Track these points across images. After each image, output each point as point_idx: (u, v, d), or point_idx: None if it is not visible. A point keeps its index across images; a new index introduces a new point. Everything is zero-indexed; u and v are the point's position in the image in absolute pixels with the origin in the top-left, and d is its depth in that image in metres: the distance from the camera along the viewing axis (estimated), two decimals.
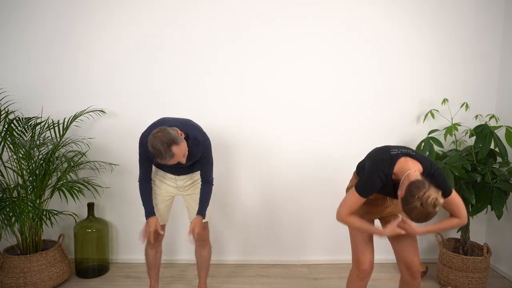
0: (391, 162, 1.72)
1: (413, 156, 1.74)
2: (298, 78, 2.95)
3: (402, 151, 1.76)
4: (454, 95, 3.05)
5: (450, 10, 2.96)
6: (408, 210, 1.56)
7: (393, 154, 1.74)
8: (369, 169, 1.74)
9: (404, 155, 1.74)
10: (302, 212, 3.10)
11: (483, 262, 2.65)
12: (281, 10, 2.87)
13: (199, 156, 2.13)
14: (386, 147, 1.82)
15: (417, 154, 1.76)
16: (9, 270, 2.49)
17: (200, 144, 2.09)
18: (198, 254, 2.43)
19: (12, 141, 2.51)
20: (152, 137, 1.87)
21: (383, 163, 1.72)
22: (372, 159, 1.78)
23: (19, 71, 2.88)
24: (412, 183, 1.57)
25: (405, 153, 1.75)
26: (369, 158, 1.83)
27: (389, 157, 1.73)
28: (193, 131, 2.07)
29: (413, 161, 1.72)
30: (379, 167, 1.71)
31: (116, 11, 2.85)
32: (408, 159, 1.72)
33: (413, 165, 1.70)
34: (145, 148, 2.08)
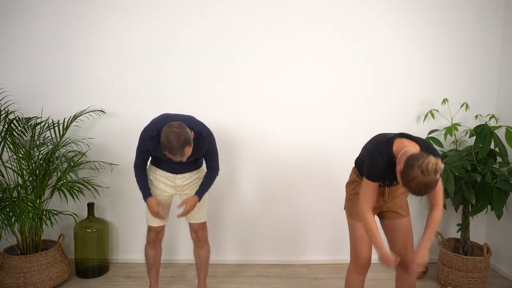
0: (388, 143, 1.74)
1: (409, 137, 1.76)
2: (299, 79, 2.95)
3: (397, 133, 1.80)
4: (454, 95, 3.05)
5: (450, 10, 2.96)
6: (408, 182, 1.53)
7: (389, 136, 1.77)
8: (369, 153, 1.77)
9: (400, 136, 1.77)
10: (302, 212, 3.10)
11: (483, 262, 2.65)
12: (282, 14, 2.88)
13: (204, 150, 2.14)
14: (381, 133, 1.86)
15: (414, 136, 1.79)
16: (9, 270, 2.49)
17: (205, 139, 2.11)
18: (197, 254, 2.43)
19: (12, 141, 2.51)
20: (169, 130, 1.87)
21: (382, 144, 1.74)
22: (370, 145, 1.81)
23: (19, 71, 2.88)
24: (410, 155, 1.57)
25: (401, 134, 1.78)
26: (366, 146, 1.86)
27: (386, 139, 1.76)
28: (198, 126, 2.10)
29: (409, 141, 1.75)
30: (378, 148, 1.74)
31: (116, 12, 2.85)
32: (404, 139, 1.75)
33: (410, 144, 1.72)
34: (147, 144, 2.08)
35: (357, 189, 2.00)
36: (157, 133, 2.06)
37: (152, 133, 2.06)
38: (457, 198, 2.64)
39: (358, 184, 2.00)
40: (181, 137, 1.86)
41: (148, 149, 2.11)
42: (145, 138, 2.08)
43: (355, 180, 2.02)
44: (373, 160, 1.74)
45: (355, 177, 2.02)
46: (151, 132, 2.06)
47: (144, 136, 2.08)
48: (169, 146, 1.86)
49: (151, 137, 2.07)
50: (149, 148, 2.09)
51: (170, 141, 1.85)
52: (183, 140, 1.86)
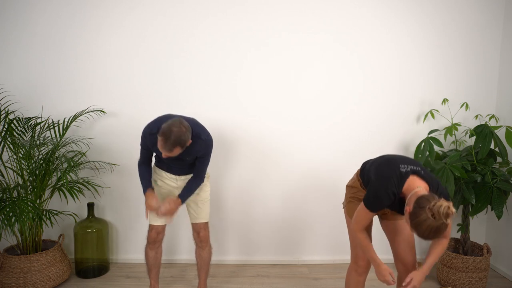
0: (400, 181, 1.67)
1: (421, 175, 1.70)
2: (301, 81, 2.95)
3: (411, 168, 1.71)
4: (454, 95, 3.05)
5: (450, 10, 2.96)
6: (417, 224, 1.49)
7: (402, 172, 1.69)
8: (377, 185, 1.70)
9: (412, 172, 1.70)
10: (302, 212, 3.10)
11: (483, 262, 2.65)
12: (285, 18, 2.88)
13: (200, 154, 2.14)
14: (394, 161, 1.75)
15: (425, 172, 1.72)
16: (9, 270, 2.49)
17: (204, 143, 2.11)
18: (198, 255, 2.42)
19: (12, 141, 2.51)
20: (177, 124, 1.89)
21: (392, 181, 1.67)
22: (380, 174, 1.72)
23: (19, 71, 2.88)
24: (421, 197, 1.54)
25: (414, 170, 1.70)
26: (376, 171, 1.76)
27: (398, 175, 1.68)
28: (198, 129, 2.10)
29: (420, 180, 1.69)
30: (388, 185, 1.67)
31: (115, 12, 2.84)
32: (416, 177, 1.69)
33: (420, 184, 1.67)
34: (147, 139, 2.10)
35: (358, 194, 2.00)
36: (157, 130, 2.07)
37: (152, 129, 2.08)
38: (457, 198, 2.64)
39: (359, 190, 1.99)
40: (182, 137, 1.88)
41: (148, 145, 2.12)
42: (145, 133, 2.10)
43: (356, 187, 2.01)
44: (378, 196, 1.68)
45: (357, 184, 1.99)
46: (152, 129, 2.08)
47: (145, 131, 2.10)
48: (166, 135, 1.87)
49: (151, 133, 2.08)
50: (148, 143, 2.10)
51: (170, 131, 1.87)
52: (181, 139, 1.88)
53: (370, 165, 1.89)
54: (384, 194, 1.67)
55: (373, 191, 1.71)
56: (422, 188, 1.64)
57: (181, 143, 1.90)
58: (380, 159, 1.83)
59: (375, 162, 1.83)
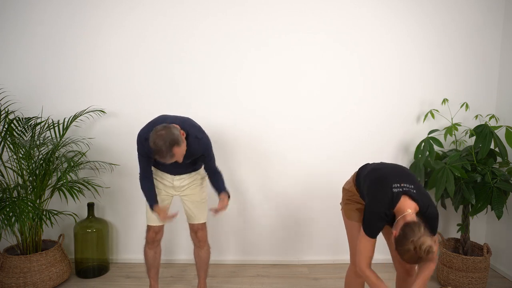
0: (391, 203, 1.70)
1: (412, 196, 1.71)
2: (301, 81, 2.95)
3: (403, 188, 1.72)
4: (454, 95, 3.05)
5: (450, 10, 2.96)
6: (401, 252, 1.57)
7: (394, 192, 1.71)
8: (369, 209, 1.73)
9: (404, 193, 1.72)
10: (302, 212, 3.10)
11: (483, 262, 2.65)
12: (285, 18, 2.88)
13: (199, 154, 2.13)
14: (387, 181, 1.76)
15: (417, 191, 1.73)
16: (9, 270, 2.49)
17: (201, 142, 2.09)
18: (197, 255, 2.43)
19: (12, 141, 2.51)
20: (155, 134, 1.86)
21: (384, 204, 1.71)
22: (373, 197, 1.74)
23: (19, 71, 2.88)
24: (407, 225, 1.57)
25: (406, 191, 1.72)
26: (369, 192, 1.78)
27: (390, 197, 1.71)
28: (193, 129, 2.08)
29: (411, 201, 1.71)
30: (381, 209, 1.70)
31: (115, 12, 2.85)
32: (406, 198, 1.71)
33: (411, 206, 1.69)
34: (143, 145, 2.08)
35: (354, 198, 2.01)
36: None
37: (147, 134, 2.05)
38: (457, 198, 2.64)
39: (355, 194, 2.01)
40: (167, 139, 1.84)
41: (145, 151, 2.10)
42: (140, 140, 2.08)
43: (352, 190, 2.02)
44: (373, 222, 1.72)
45: (353, 188, 2.01)
46: (146, 134, 2.06)
47: (139, 138, 2.08)
48: (157, 150, 1.85)
49: (146, 138, 2.06)
50: (146, 150, 2.09)
51: (157, 145, 1.84)
52: (169, 141, 1.84)
53: (365, 176, 1.89)
54: (377, 217, 1.71)
55: (367, 218, 1.74)
56: (412, 211, 1.66)
57: (174, 142, 1.85)
58: (374, 173, 1.83)
59: (370, 175, 1.83)
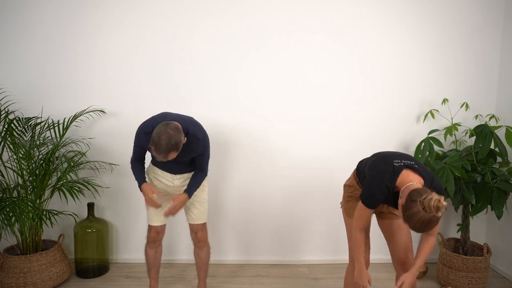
0: (393, 175, 1.69)
1: (415, 169, 1.71)
2: (301, 81, 2.95)
3: (404, 162, 1.72)
4: (454, 95, 3.05)
5: (450, 10, 2.96)
6: (409, 216, 1.52)
7: (395, 166, 1.70)
8: (371, 181, 1.72)
9: (406, 167, 1.71)
10: (302, 212, 3.10)
11: (483, 262, 2.65)
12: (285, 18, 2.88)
13: (198, 153, 2.14)
14: (388, 157, 1.77)
15: (419, 166, 1.73)
16: (9, 270, 2.49)
17: (200, 142, 2.10)
18: (197, 255, 2.43)
19: (12, 141, 2.51)
20: (164, 130, 1.86)
21: (386, 176, 1.69)
22: (374, 170, 1.74)
23: (19, 71, 2.88)
24: (413, 190, 1.56)
25: (408, 165, 1.71)
26: (371, 167, 1.78)
27: (391, 170, 1.70)
28: (194, 128, 2.08)
29: (414, 174, 1.70)
30: (382, 180, 1.69)
31: (115, 12, 2.85)
32: (409, 172, 1.70)
33: (414, 178, 1.68)
34: (141, 139, 2.08)
35: (355, 193, 2.01)
36: (152, 129, 2.05)
37: (147, 129, 2.06)
38: (457, 198, 2.64)
39: (356, 189, 2.00)
40: (172, 141, 1.85)
41: (142, 145, 2.10)
42: (140, 133, 2.08)
43: (353, 186, 2.01)
44: (372, 191, 1.71)
45: (354, 183, 2.00)
46: (147, 128, 2.06)
47: (140, 130, 2.08)
48: (157, 143, 1.85)
49: (146, 132, 2.06)
50: (143, 143, 2.09)
51: (160, 140, 1.85)
52: (172, 144, 1.85)
53: (365, 163, 1.91)
54: (378, 189, 1.69)
55: (367, 187, 1.73)
56: (416, 182, 1.66)
57: (175, 147, 1.87)
58: (374, 156, 1.85)
59: (370, 160, 1.85)
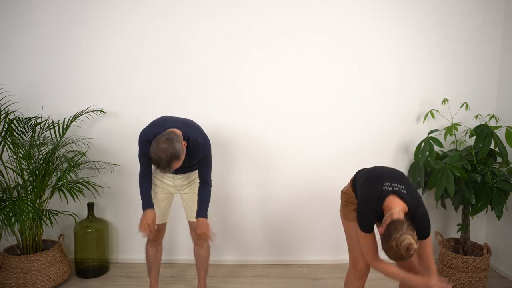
0: (379, 200, 1.74)
1: (402, 195, 1.74)
2: (302, 81, 2.95)
3: (393, 186, 1.76)
4: (454, 95, 3.05)
5: (450, 10, 2.96)
6: (385, 249, 1.60)
7: (383, 190, 1.75)
8: (359, 204, 1.78)
9: (393, 192, 1.74)
10: (302, 212, 3.10)
11: (483, 262, 2.65)
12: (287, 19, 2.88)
13: (199, 157, 2.14)
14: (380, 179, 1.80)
15: (408, 192, 1.76)
16: (9, 270, 2.49)
17: (201, 146, 2.10)
18: (197, 253, 2.43)
19: (12, 141, 2.51)
20: (157, 147, 1.86)
21: (372, 200, 1.75)
22: (364, 191, 1.79)
23: (20, 71, 2.88)
24: (391, 223, 1.59)
25: (395, 190, 1.75)
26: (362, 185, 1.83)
27: (379, 194, 1.75)
28: (194, 132, 2.08)
29: (399, 200, 1.73)
30: (369, 204, 1.75)
31: (116, 13, 2.85)
32: (395, 198, 1.73)
33: (398, 205, 1.71)
34: (145, 146, 2.09)
35: (352, 200, 2.03)
36: (153, 137, 2.06)
37: (149, 136, 2.07)
38: (457, 198, 2.64)
39: (352, 197, 2.03)
40: (168, 153, 1.85)
41: (146, 152, 2.11)
42: (142, 141, 2.09)
43: (349, 193, 2.04)
44: (363, 216, 1.76)
45: (350, 191, 2.03)
46: (148, 135, 2.07)
47: (141, 138, 2.09)
48: (157, 161, 1.87)
49: (148, 140, 2.07)
50: (147, 150, 2.10)
51: (158, 158, 1.86)
52: (169, 155, 1.86)
53: (360, 176, 1.93)
54: (366, 210, 1.75)
55: (358, 211, 1.79)
56: (400, 208, 1.69)
57: (174, 157, 1.88)
58: (368, 173, 1.88)
59: (364, 175, 1.88)
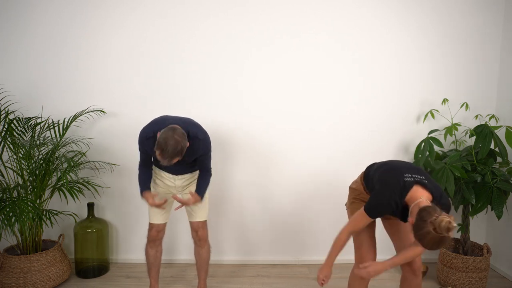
0: (403, 191, 1.69)
1: (425, 185, 1.71)
2: (302, 81, 2.95)
3: (415, 178, 1.72)
4: (454, 95, 3.05)
5: (450, 10, 2.96)
6: (421, 236, 1.52)
7: (406, 181, 1.70)
8: (380, 195, 1.71)
9: (416, 182, 1.71)
10: (302, 212, 3.10)
11: (483, 262, 2.65)
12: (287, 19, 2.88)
13: (200, 153, 2.14)
14: (399, 169, 1.76)
15: (429, 181, 1.73)
16: (9, 270, 2.48)
17: (202, 142, 2.11)
18: (197, 253, 2.43)
19: (12, 141, 2.51)
20: (171, 135, 1.88)
21: (396, 191, 1.69)
22: (385, 184, 1.73)
23: (20, 71, 2.88)
24: (423, 209, 1.55)
25: (418, 180, 1.71)
26: (381, 180, 1.77)
27: (402, 185, 1.70)
28: (194, 129, 2.10)
29: (423, 190, 1.70)
30: (391, 195, 1.68)
31: (116, 13, 2.85)
32: (419, 187, 1.70)
33: (423, 194, 1.68)
34: (144, 144, 2.10)
35: (361, 196, 2.02)
36: (152, 134, 2.07)
37: (148, 134, 2.08)
38: (457, 198, 2.64)
39: (361, 193, 2.01)
40: (178, 147, 1.87)
41: (146, 150, 2.12)
42: (142, 138, 2.10)
43: (359, 190, 2.02)
44: (380, 204, 1.70)
45: (361, 188, 2.01)
46: (148, 133, 2.08)
47: (141, 136, 2.10)
48: (163, 148, 1.87)
49: (147, 137, 2.08)
50: (146, 148, 2.11)
51: (166, 145, 1.86)
52: (178, 149, 1.88)
53: (374, 171, 1.89)
54: (387, 203, 1.69)
55: (375, 199, 1.72)
56: (425, 198, 1.65)
57: (180, 153, 1.90)
58: (384, 166, 1.83)
59: (380, 168, 1.83)
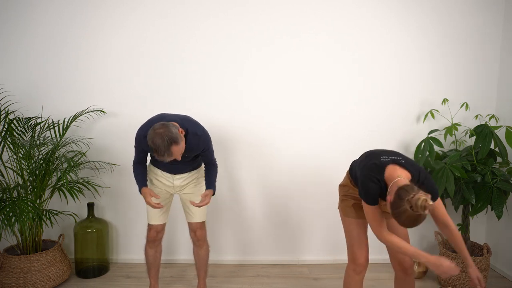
0: (379, 169, 1.74)
1: (401, 164, 1.75)
2: (302, 80, 2.95)
3: (391, 158, 1.76)
4: (454, 95, 3.05)
5: (450, 10, 2.96)
6: (398, 214, 1.56)
7: (382, 161, 1.75)
8: (361, 178, 1.77)
9: (392, 162, 1.75)
10: (302, 212, 3.10)
11: (483, 262, 2.64)
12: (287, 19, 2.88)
13: (200, 150, 2.14)
14: (377, 153, 1.82)
15: (406, 161, 1.77)
16: (9, 270, 2.49)
17: (201, 138, 2.11)
18: (196, 254, 2.43)
19: (12, 141, 2.51)
20: (153, 133, 1.87)
21: (373, 169, 1.74)
22: (363, 166, 1.79)
23: (20, 71, 2.88)
24: (401, 188, 1.58)
25: (394, 160, 1.76)
26: (360, 165, 1.83)
27: (378, 164, 1.75)
28: (193, 126, 2.09)
29: (401, 168, 1.73)
30: (370, 174, 1.74)
31: (116, 13, 2.85)
32: (396, 166, 1.73)
33: (402, 173, 1.71)
34: (141, 142, 2.09)
35: (350, 192, 2.03)
36: None
37: (145, 132, 2.07)
38: (457, 198, 2.64)
39: (350, 188, 2.02)
40: (165, 137, 1.85)
41: (143, 147, 2.11)
42: (139, 136, 2.09)
43: (347, 185, 2.04)
44: (366, 186, 1.74)
45: (348, 182, 2.04)
46: (145, 131, 2.07)
47: (138, 134, 2.09)
48: (155, 148, 1.86)
49: (145, 136, 2.08)
50: (144, 146, 2.10)
51: (155, 143, 1.85)
52: (167, 140, 1.85)
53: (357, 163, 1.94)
54: (370, 182, 1.73)
55: (362, 185, 1.76)
56: (403, 177, 1.68)
57: (172, 141, 1.86)
58: (363, 154, 1.90)
59: (360, 159, 1.90)
